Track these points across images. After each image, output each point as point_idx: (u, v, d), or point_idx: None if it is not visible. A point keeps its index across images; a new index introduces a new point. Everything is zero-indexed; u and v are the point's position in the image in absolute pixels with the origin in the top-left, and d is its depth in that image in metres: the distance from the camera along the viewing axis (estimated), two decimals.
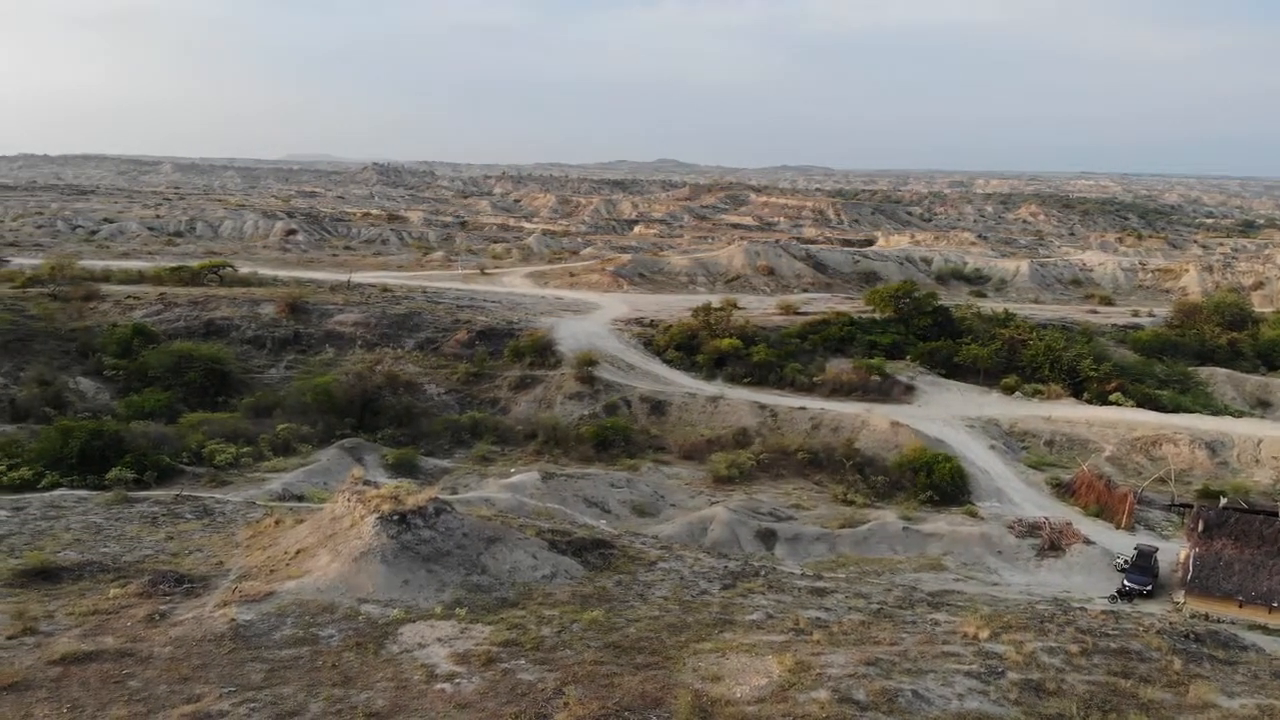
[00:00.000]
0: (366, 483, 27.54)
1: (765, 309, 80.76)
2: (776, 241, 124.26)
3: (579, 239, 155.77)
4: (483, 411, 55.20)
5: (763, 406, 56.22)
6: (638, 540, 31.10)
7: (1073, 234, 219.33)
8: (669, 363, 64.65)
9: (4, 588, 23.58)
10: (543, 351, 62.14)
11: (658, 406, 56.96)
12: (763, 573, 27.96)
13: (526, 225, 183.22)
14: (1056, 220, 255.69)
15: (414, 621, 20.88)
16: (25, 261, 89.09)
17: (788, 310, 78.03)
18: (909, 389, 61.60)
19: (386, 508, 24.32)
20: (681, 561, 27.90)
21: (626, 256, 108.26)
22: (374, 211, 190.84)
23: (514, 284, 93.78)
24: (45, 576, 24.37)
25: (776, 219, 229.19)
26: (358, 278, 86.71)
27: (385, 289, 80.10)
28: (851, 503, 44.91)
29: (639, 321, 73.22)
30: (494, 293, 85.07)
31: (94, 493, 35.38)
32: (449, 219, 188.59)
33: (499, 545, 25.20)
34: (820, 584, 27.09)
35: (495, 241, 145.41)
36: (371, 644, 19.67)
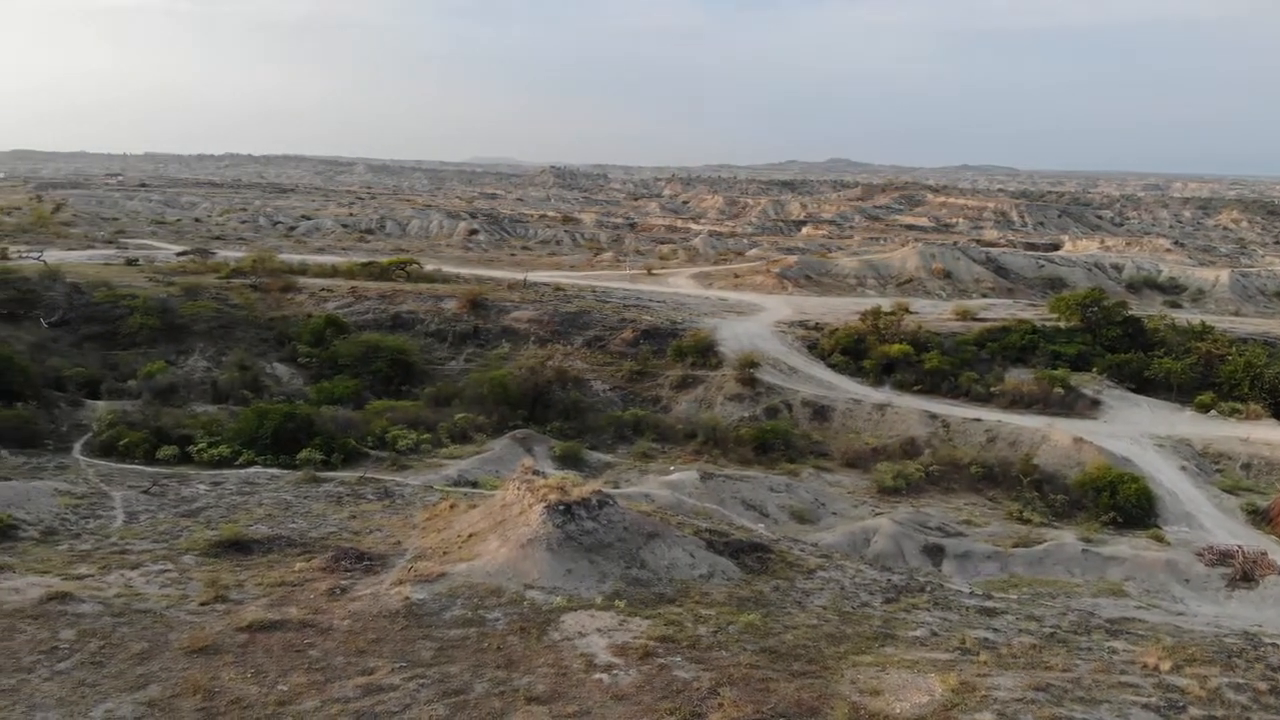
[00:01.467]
0: (535, 473, 28.32)
1: (939, 314, 77.98)
2: (954, 244, 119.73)
3: (745, 240, 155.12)
4: (645, 409, 55.77)
5: (934, 416, 54.28)
6: (796, 547, 30.68)
7: (1279, 243, 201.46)
8: (833, 367, 63.34)
9: (200, 557, 25.60)
10: (704, 352, 62.20)
11: (820, 411, 55.98)
12: (928, 589, 27.04)
13: (693, 226, 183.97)
14: (1261, 227, 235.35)
15: (575, 610, 21.33)
16: (230, 254, 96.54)
17: (964, 316, 74.99)
18: (1094, 403, 58.13)
19: (553, 498, 24.96)
20: (842, 571, 27.34)
21: (793, 258, 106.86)
22: (550, 213, 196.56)
23: (679, 284, 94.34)
24: (238, 548, 26.29)
25: (955, 220, 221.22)
26: (533, 276, 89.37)
27: (558, 288, 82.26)
28: (1027, 521, 42.74)
29: (803, 324, 72.16)
30: (659, 293, 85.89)
31: (285, 471, 37.88)
32: (619, 220, 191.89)
33: (658, 541, 25.43)
34: (990, 604, 25.96)
35: (663, 242, 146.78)
36: (535, 629, 20.23)
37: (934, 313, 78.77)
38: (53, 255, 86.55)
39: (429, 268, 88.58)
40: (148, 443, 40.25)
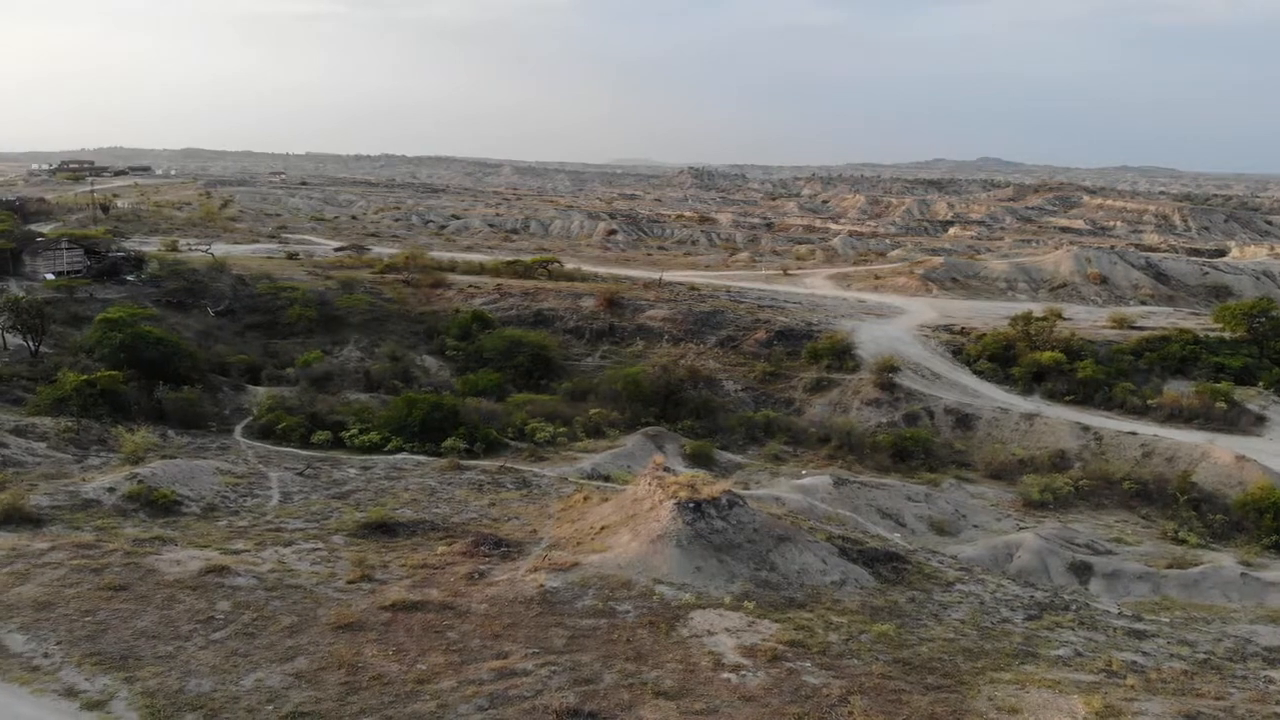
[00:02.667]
0: (666, 469, 28.59)
1: (1094, 321, 74.36)
2: (1111, 248, 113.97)
3: (887, 240, 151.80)
4: (777, 411, 55.29)
5: (1085, 428, 51.76)
6: (934, 558, 29.86)
7: None
8: (979, 374, 61.20)
9: (349, 537, 26.89)
10: (841, 355, 61.11)
11: (964, 420, 54.18)
12: (1073, 607, 25.90)
13: (833, 226, 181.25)
14: None
15: (704, 608, 21.39)
16: (384, 250, 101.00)
17: (1120, 323, 71.29)
18: (1259, 419, 54.26)
19: (683, 495, 25.11)
20: (982, 586, 26.47)
21: (938, 259, 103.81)
22: (686, 213, 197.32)
23: (816, 285, 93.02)
24: (384, 530, 27.51)
25: (1112, 223, 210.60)
26: (668, 276, 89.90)
27: (692, 287, 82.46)
28: (1183, 541, 40.35)
29: (948, 328, 69.99)
30: (795, 294, 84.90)
31: (430, 458, 39.37)
32: (756, 220, 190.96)
33: (788, 545, 25.22)
34: (1139, 626, 24.66)
35: (800, 243, 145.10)
36: (664, 624, 20.40)
37: (1088, 320, 75.18)
38: (220, 248, 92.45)
39: (569, 266, 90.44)
40: (303, 427, 42.50)
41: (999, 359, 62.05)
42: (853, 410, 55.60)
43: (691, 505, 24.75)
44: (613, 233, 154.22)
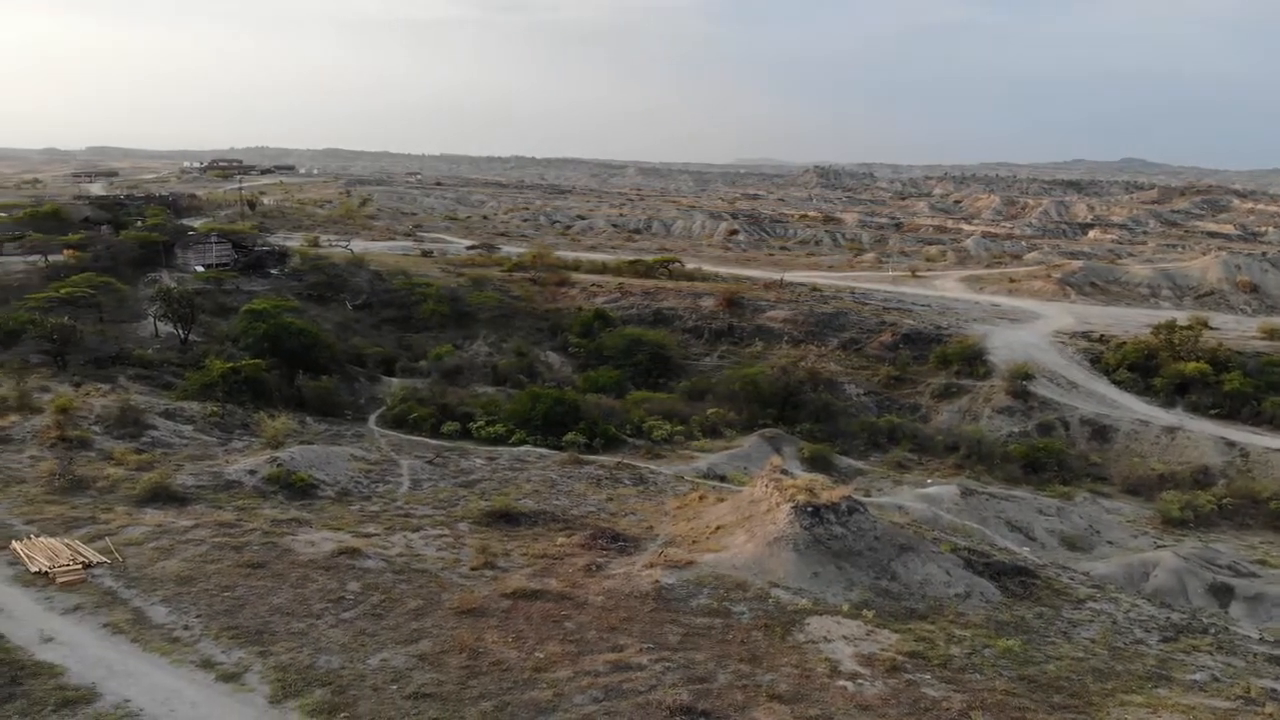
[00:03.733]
0: (784, 472, 28.35)
1: (1243, 331, 70.09)
2: (1263, 254, 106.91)
3: (1022, 242, 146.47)
4: (901, 416, 54.06)
5: (1231, 444, 48.94)
6: (1065, 574, 28.75)
7: None
8: (1118, 384, 58.51)
9: (474, 525, 27.66)
10: (971, 360, 59.35)
11: (1101, 431, 51.90)
12: (1212, 630, 24.54)
13: (965, 227, 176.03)
14: None
15: (820, 614, 21.16)
16: (512, 249, 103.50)
17: (1272, 334, 66.96)
18: None
19: (801, 498, 24.86)
20: (1115, 605, 25.34)
21: (1077, 263, 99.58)
22: (810, 213, 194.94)
23: (946, 287, 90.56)
24: (507, 519, 28.19)
25: (1264, 228, 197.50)
26: (790, 276, 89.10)
27: (815, 288, 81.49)
28: None
29: (1086, 335, 67.13)
30: (923, 296, 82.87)
31: (552, 452, 40.15)
32: (884, 220, 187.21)
33: (911, 555, 24.70)
34: None
35: (930, 243, 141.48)
36: (779, 628, 20.28)
37: (1237, 330, 70.93)
38: (358, 245, 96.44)
39: (690, 266, 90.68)
40: (434, 418, 43.95)
41: (1140, 369, 59.28)
42: (983, 418, 53.98)
43: (810, 509, 24.50)
44: (734, 233, 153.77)
